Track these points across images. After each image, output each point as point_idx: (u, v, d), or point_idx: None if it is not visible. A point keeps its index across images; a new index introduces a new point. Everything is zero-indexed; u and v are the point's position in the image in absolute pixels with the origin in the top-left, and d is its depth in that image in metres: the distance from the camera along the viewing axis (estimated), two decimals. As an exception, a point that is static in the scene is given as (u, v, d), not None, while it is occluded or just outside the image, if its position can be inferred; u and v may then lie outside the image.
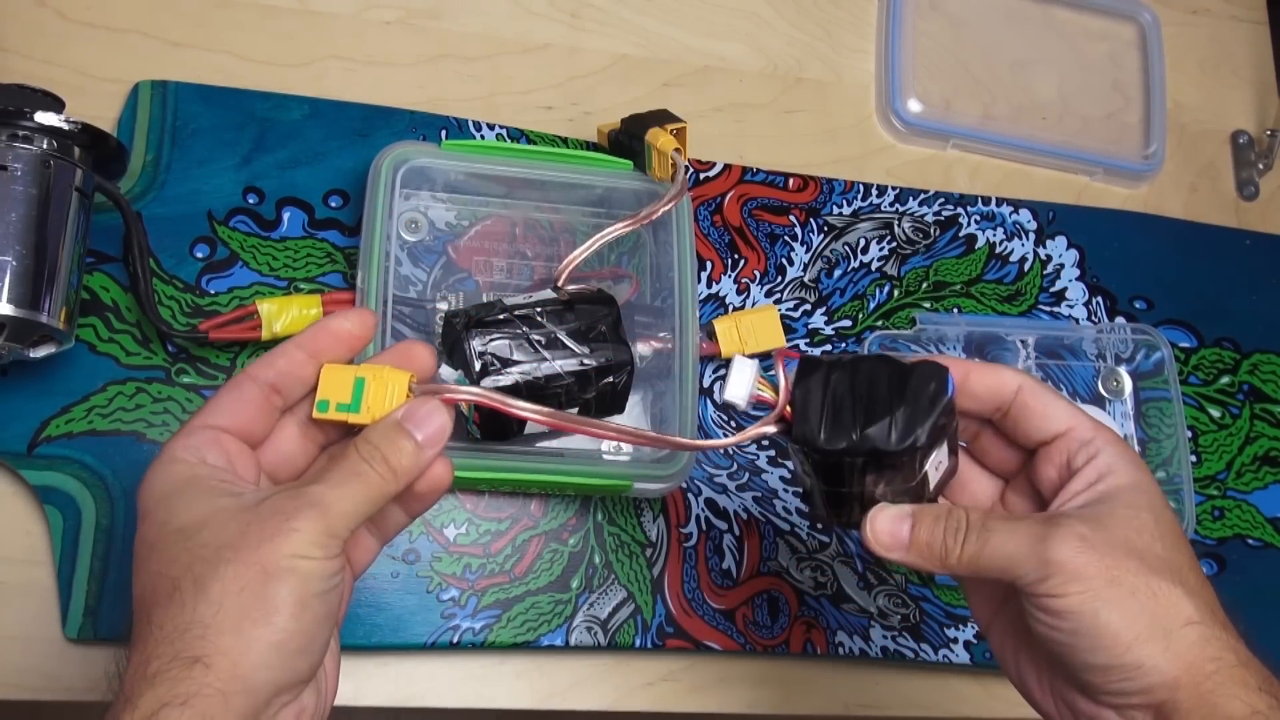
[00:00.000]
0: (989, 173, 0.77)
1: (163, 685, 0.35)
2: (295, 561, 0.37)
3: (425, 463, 0.41)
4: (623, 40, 0.73)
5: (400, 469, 0.41)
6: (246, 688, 0.36)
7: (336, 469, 0.40)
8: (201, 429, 0.41)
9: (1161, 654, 0.40)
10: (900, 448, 0.43)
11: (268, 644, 0.36)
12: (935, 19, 0.79)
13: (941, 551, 0.43)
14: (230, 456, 0.41)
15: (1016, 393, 0.46)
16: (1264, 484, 0.73)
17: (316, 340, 0.43)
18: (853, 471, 0.44)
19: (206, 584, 0.37)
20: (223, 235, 0.61)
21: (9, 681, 0.54)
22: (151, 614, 0.37)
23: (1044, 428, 0.46)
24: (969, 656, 0.64)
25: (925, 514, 0.44)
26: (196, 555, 0.37)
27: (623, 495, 0.61)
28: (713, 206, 0.69)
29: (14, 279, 0.50)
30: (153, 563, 0.38)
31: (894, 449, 0.43)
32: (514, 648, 0.59)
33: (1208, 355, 0.75)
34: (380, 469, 0.40)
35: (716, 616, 0.62)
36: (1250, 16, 0.87)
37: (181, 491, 0.39)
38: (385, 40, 0.68)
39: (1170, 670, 0.40)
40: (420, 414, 0.41)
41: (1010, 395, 0.46)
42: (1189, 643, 0.40)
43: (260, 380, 0.42)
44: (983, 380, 0.47)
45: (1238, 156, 0.83)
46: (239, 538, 0.37)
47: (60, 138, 0.53)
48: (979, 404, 0.47)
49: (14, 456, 0.55)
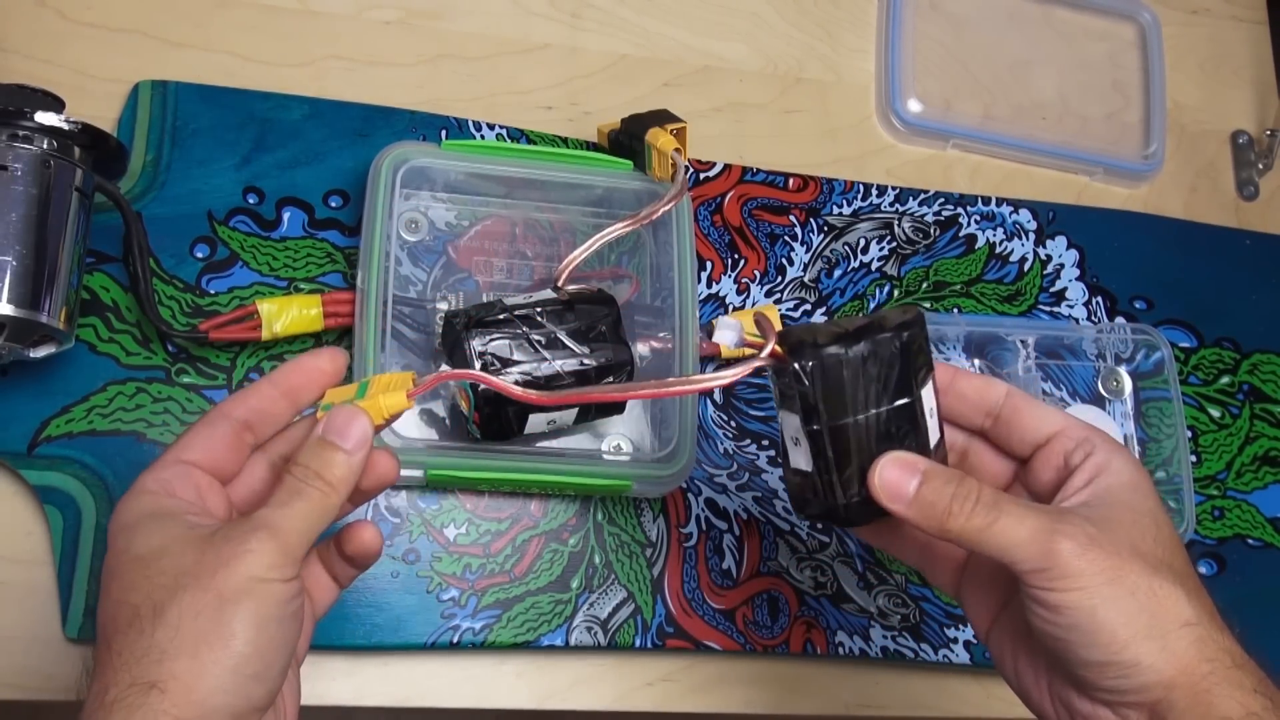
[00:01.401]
0: (989, 173, 0.77)
1: (119, 713, 0.36)
2: (252, 584, 0.38)
3: (357, 468, 0.42)
4: (623, 40, 0.73)
5: (336, 480, 0.41)
6: (202, 714, 0.36)
7: (279, 491, 0.41)
8: (174, 463, 0.42)
9: (1158, 653, 0.40)
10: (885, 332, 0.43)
11: (224, 668, 0.37)
12: (935, 19, 0.79)
13: (944, 514, 0.42)
14: (200, 490, 0.42)
15: (1006, 396, 0.47)
16: (1264, 484, 0.73)
17: (289, 377, 0.45)
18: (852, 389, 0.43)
19: (164, 609, 0.37)
20: (223, 235, 0.61)
21: (9, 681, 0.54)
22: (112, 641, 0.38)
23: (1037, 428, 0.46)
24: (969, 656, 0.64)
25: (937, 473, 0.43)
26: (155, 583, 0.38)
27: (623, 495, 0.61)
28: (713, 206, 0.69)
29: (14, 279, 0.50)
30: (114, 590, 0.39)
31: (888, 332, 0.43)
32: (514, 648, 0.59)
33: (1208, 355, 0.75)
34: (318, 485, 0.41)
35: (716, 616, 0.62)
36: (1250, 16, 0.87)
37: (145, 522, 0.40)
38: (385, 40, 0.68)
39: (1166, 670, 0.40)
40: (338, 423, 0.42)
41: (999, 399, 0.47)
42: (1186, 643, 0.40)
43: (232, 417, 0.44)
44: (971, 383, 0.47)
45: (1238, 156, 0.83)
46: (196, 564, 0.38)
47: (60, 138, 0.53)
48: (968, 406, 0.47)
49: (14, 456, 0.55)
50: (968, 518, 0.42)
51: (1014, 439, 0.47)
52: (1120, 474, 0.44)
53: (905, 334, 0.43)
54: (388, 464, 0.44)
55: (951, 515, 0.42)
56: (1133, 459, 0.45)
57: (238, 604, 0.37)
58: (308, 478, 0.41)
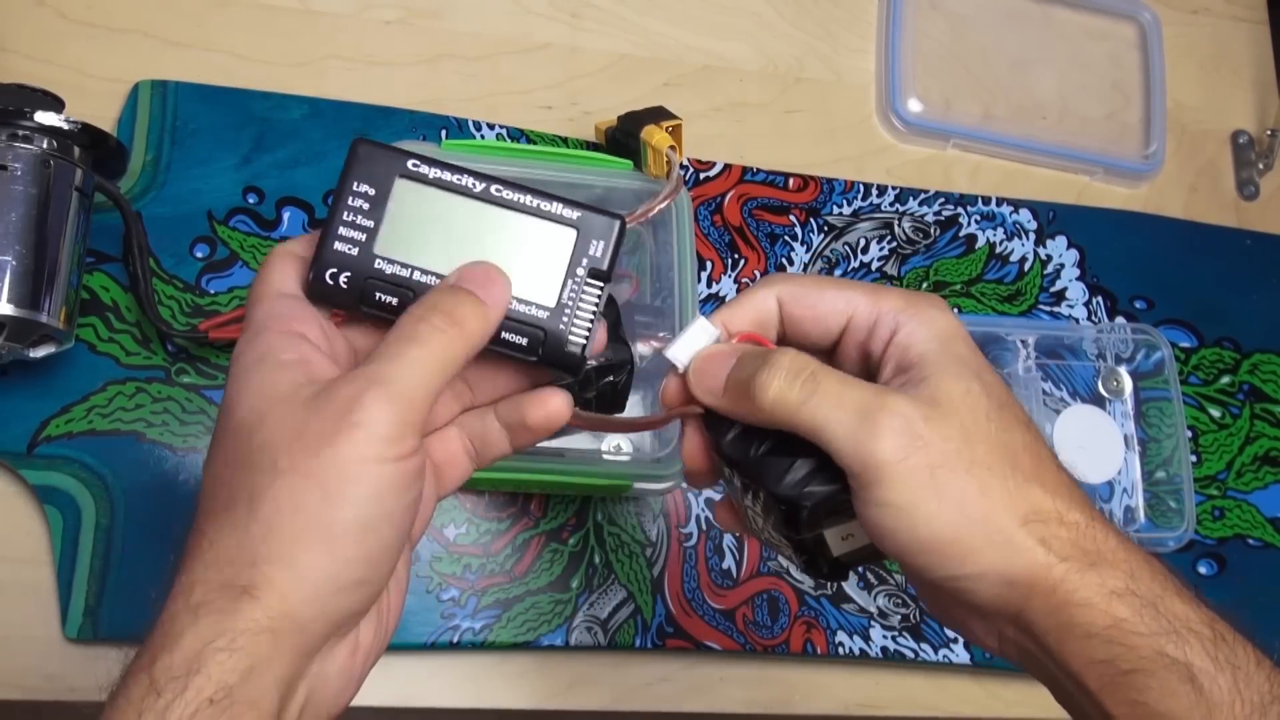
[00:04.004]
0: (989, 172, 0.77)
1: (206, 619, 0.31)
2: (361, 469, 0.32)
3: (493, 322, 0.36)
4: (623, 40, 0.73)
5: (465, 321, 0.35)
6: (298, 625, 0.32)
7: (389, 341, 0.35)
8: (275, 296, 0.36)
9: (1002, 561, 0.35)
10: None
11: (323, 574, 0.32)
12: (935, 19, 0.79)
13: (754, 391, 0.37)
14: (322, 325, 0.37)
15: (780, 308, 0.40)
16: (1264, 484, 0.73)
17: None
18: None
19: (259, 500, 0.32)
20: (223, 235, 0.61)
21: (9, 681, 0.54)
22: (205, 527, 0.33)
23: (823, 330, 0.40)
24: (969, 656, 0.64)
25: (750, 353, 0.38)
26: (253, 461, 0.33)
27: (623, 495, 0.61)
28: (713, 206, 0.69)
29: (14, 279, 0.50)
30: (215, 460, 0.34)
31: None
32: (514, 648, 0.59)
33: (1208, 355, 0.75)
34: (440, 322, 0.35)
35: (716, 616, 0.62)
36: (1250, 16, 0.87)
37: (254, 370, 0.34)
38: (385, 40, 0.68)
39: (1016, 577, 0.35)
40: (476, 274, 0.37)
41: (772, 314, 0.40)
42: (1031, 543, 0.35)
43: None
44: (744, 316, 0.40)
45: (1238, 156, 0.83)
46: (297, 441, 0.32)
47: (60, 137, 0.53)
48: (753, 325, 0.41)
49: (14, 456, 0.55)
50: (778, 391, 0.36)
51: (814, 348, 0.40)
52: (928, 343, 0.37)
53: None
54: (560, 400, 0.39)
55: (761, 389, 0.37)
56: (937, 316, 0.38)
57: (343, 497, 0.32)
58: (429, 316, 0.35)
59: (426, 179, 0.38)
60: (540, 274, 0.38)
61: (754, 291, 0.41)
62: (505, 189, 0.38)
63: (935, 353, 0.37)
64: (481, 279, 0.37)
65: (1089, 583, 0.34)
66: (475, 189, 0.38)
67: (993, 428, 0.36)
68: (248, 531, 0.32)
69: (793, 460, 0.38)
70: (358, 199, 0.38)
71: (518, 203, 0.38)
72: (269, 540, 0.32)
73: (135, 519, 0.55)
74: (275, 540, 0.32)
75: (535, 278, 0.38)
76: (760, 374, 0.37)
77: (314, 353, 0.35)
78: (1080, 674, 0.35)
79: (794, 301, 0.40)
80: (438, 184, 0.38)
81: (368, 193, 0.38)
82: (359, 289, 0.37)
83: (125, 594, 0.54)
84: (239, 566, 0.32)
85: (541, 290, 0.38)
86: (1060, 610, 0.34)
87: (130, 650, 0.33)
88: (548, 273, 0.38)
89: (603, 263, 0.39)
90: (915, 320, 0.38)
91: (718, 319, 0.40)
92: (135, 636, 0.57)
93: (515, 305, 0.38)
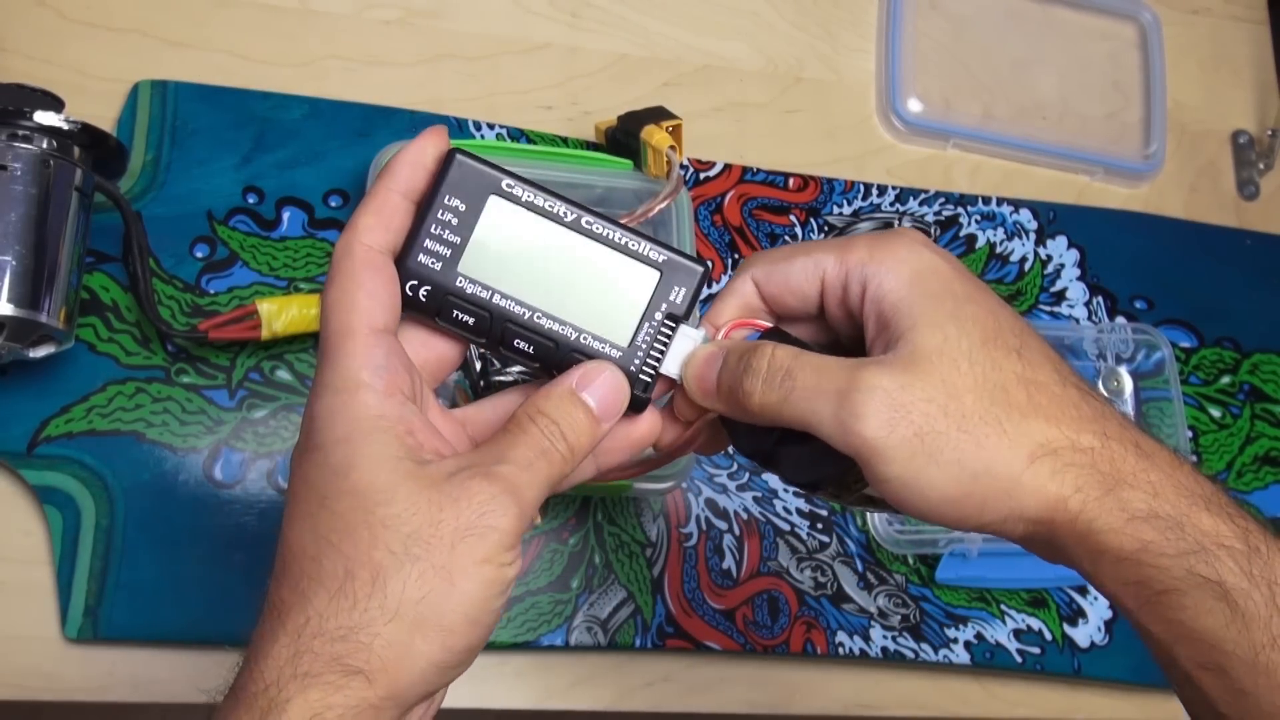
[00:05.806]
0: (989, 172, 0.77)
1: (316, 691, 0.32)
2: (484, 569, 0.33)
3: (597, 438, 0.37)
4: (623, 40, 0.73)
5: (577, 446, 0.36)
6: (399, 702, 0.33)
7: (521, 446, 0.35)
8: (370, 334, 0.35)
9: (1016, 505, 0.34)
10: None
11: (431, 663, 0.33)
12: (935, 19, 0.79)
13: (740, 398, 0.37)
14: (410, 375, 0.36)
15: (758, 289, 0.40)
16: (1264, 484, 0.73)
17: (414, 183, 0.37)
18: None
19: (386, 580, 0.33)
20: (222, 235, 0.61)
21: (9, 681, 0.54)
22: (311, 597, 0.33)
23: (801, 301, 0.39)
24: (969, 656, 0.64)
25: (733, 352, 0.38)
26: (379, 539, 0.33)
27: (623, 495, 0.61)
28: (713, 206, 0.69)
29: (14, 279, 0.50)
30: (322, 521, 0.33)
31: None
32: (514, 647, 0.59)
33: (1208, 355, 0.75)
34: (561, 447, 0.35)
35: (716, 616, 0.62)
36: (1250, 16, 0.87)
37: (364, 439, 0.34)
38: (385, 40, 0.68)
39: (1033, 515, 0.34)
40: (594, 379, 0.37)
41: (755, 298, 0.40)
42: (1038, 485, 0.34)
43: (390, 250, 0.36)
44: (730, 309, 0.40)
45: (1238, 156, 0.83)
46: (431, 528, 0.33)
47: (60, 137, 0.53)
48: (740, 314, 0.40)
49: (14, 456, 0.55)
50: (761, 395, 0.36)
51: (804, 318, 0.40)
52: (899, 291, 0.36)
53: None
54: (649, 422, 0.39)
55: (747, 395, 0.36)
56: (910, 265, 0.37)
57: (466, 592, 0.33)
58: (554, 435, 0.35)
59: (520, 200, 0.38)
60: (618, 312, 0.38)
61: (733, 280, 0.40)
62: (595, 221, 0.38)
63: (907, 300, 0.36)
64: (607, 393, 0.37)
65: (1109, 509, 0.34)
66: (567, 218, 0.38)
67: (977, 371, 0.35)
68: (366, 612, 0.33)
69: (803, 447, 0.37)
70: (447, 212, 0.37)
71: (606, 237, 0.38)
72: (392, 624, 0.33)
73: (135, 519, 0.55)
74: (397, 626, 0.33)
75: (612, 315, 0.38)
76: (744, 381, 0.37)
77: (416, 417, 0.35)
78: (1117, 595, 0.35)
79: (767, 280, 0.39)
80: (530, 207, 0.38)
81: (458, 207, 0.37)
82: (437, 305, 0.37)
83: (125, 594, 0.54)
84: (354, 645, 0.32)
85: (617, 329, 0.38)
86: (1086, 539, 0.34)
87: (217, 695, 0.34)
88: (625, 312, 0.38)
89: (680, 309, 0.38)
90: (883, 268, 0.37)
91: (706, 318, 0.40)
92: (135, 636, 0.57)
93: (591, 342, 0.38)
